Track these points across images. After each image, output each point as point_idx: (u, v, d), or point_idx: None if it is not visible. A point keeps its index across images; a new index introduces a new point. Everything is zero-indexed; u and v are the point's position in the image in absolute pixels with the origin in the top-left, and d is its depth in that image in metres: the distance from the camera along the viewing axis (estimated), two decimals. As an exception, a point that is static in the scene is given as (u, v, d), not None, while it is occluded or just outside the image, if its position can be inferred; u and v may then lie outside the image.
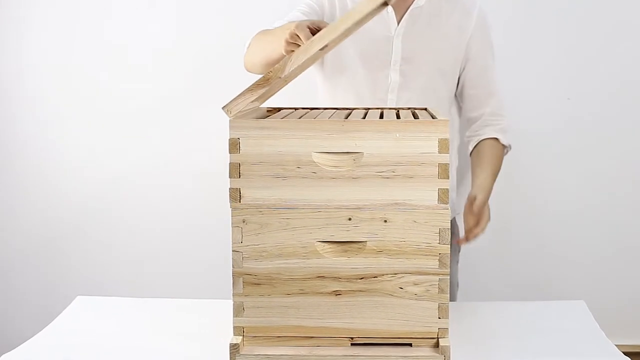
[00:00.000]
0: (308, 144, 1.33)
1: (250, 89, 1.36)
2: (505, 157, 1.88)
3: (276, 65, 1.36)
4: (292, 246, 1.34)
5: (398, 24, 1.85)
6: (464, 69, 1.90)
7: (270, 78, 1.35)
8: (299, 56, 1.35)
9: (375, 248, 1.34)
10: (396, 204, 1.33)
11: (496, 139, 1.87)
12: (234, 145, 1.33)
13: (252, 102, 1.36)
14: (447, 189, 1.33)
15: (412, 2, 1.85)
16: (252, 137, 1.33)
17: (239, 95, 1.36)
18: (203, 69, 2.49)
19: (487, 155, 1.84)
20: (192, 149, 2.53)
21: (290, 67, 1.35)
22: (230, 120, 1.34)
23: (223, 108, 1.36)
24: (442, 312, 1.35)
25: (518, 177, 2.53)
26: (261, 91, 1.36)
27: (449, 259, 1.34)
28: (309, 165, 1.33)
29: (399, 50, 1.84)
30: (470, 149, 1.90)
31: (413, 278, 1.34)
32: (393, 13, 1.85)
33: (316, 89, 1.96)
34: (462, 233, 1.94)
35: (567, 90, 2.50)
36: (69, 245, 2.59)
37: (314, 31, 1.46)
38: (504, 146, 1.88)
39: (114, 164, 2.55)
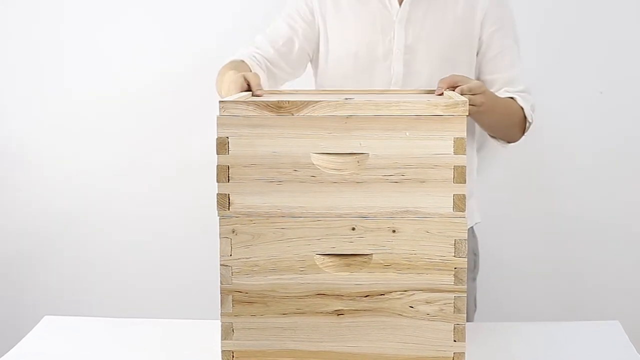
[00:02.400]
0: (306, 143, 1.32)
1: (255, 105, 1.33)
2: (528, 161, 1.85)
3: (297, 101, 1.32)
4: (288, 260, 1.33)
5: (400, 5, 1.81)
6: (478, 53, 1.85)
7: (283, 107, 1.32)
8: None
9: (382, 262, 1.33)
10: (406, 211, 1.32)
11: (513, 98, 1.80)
12: (222, 145, 1.32)
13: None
14: (463, 195, 1.31)
15: None
16: (242, 136, 1.32)
17: (242, 102, 1.34)
18: (185, 72, 2.48)
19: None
20: (176, 153, 2.52)
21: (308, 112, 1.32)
22: (218, 117, 1.32)
23: (220, 101, 1.33)
24: (458, 335, 1.34)
25: (542, 184, 2.51)
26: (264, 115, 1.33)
27: (465, 274, 1.33)
28: (307, 168, 1.32)
29: (402, 38, 1.81)
30: None
31: (425, 296, 1.33)
32: None
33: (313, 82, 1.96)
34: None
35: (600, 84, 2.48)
36: (37, 260, 2.57)
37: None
38: (522, 110, 1.79)
39: (87, 171, 2.53)
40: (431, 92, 1.65)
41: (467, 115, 1.32)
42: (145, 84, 2.50)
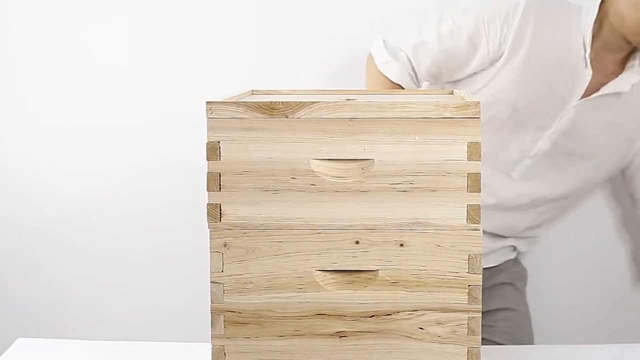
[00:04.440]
0: (305, 148, 1.31)
1: (246, 107, 1.32)
2: None
3: (292, 102, 1.31)
4: (286, 276, 1.32)
5: (585, 91, 1.85)
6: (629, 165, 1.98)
7: (276, 109, 1.31)
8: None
9: (388, 279, 1.32)
10: (415, 223, 1.31)
11: None
12: (213, 151, 1.32)
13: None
14: (478, 205, 1.30)
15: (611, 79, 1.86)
16: (235, 140, 1.31)
17: (231, 103, 1.33)
18: (174, 74, 2.48)
19: None
20: (162, 159, 2.51)
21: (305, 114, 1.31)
22: (208, 120, 1.31)
23: (207, 102, 1.32)
24: (473, 359, 1.33)
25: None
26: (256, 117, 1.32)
27: (480, 293, 1.32)
28: (306, 175, 1.31)
29: (568, 117, 1.86)
30: None
31: (436, 316, 1.32)
32: (590, 74, 1.83)
33: None
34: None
35: None
36: (9, 277, 2.56)
37: None
38: None
39: (64, 182, 2.53)
40: (445, 92, 1.65)
41: None
42: (131, 88, 2.50)
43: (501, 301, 2.06)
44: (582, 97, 1.85)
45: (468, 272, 1.32)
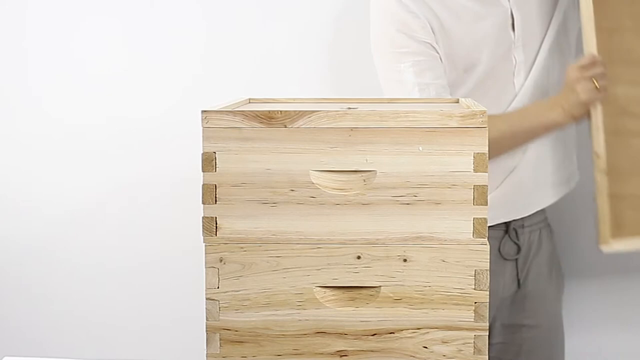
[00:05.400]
0: (305, 159, 1.31)
1: (243, 116, 1.32)
2: None
3: (291, 111, 1.31)
4: (284, 293, 1.32)
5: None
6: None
7: (274, 118, 1.31)
8: None
9: (391, 295, 1.32)
10: (419, 237, 1.31)
11: None
12: (208, 162, 1.32)
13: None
14: (485, 219, 1.30)
15: None
16: (232, 151, 1.31)
17: (228, 112, 1.33)
18: (166, 85, 2.48)
19: None
20: (156, 170, 2.51)
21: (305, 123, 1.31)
22: (203, 129, 1.31)
23: (203, 111, 1.32)
24: (480, 379, 1.32)
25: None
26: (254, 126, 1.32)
27: (487, 310, 1.32)
28: (306, 188, 1.31)
29: (519, 23, 1.83)
30: None
31: (441, 334, 1.32)
32: None
33: None
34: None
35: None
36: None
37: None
38: None
39: (51, 194, 2.52)
40: (448, 101, 1.65)
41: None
42: (123, 96, 2.50)
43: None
44: None
45: (474, 289, 1.31)
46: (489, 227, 1.33)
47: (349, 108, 1.36)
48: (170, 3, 2.48)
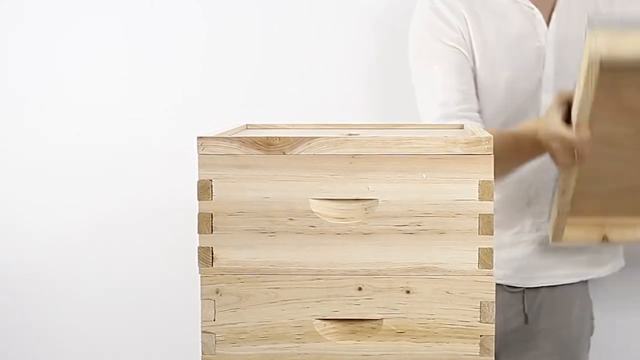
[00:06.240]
0: (304, 187, 1.31)
1: (240, 142, 1.32)
2: None
3: (290, 137, 1.31)
4: (283, 325, 1.32)
5: (547, 25, 1.82)
6: None
7: (272, 145, 1.31)
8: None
9: (394, 328, 1.31)
10: (422, 268, 1.31)
11: None
12: (204, 190, 1.32)
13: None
14: (490, 249, 1.30)
15: None
16: (229, 179, 1.31)
17: (225, 138, 1.33)
18: (161, 110, 2.49)
19: None
20: (150, 198, 2.51)
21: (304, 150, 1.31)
22: (199, 156, 1.31)
23: (199, 137, 1.32)
24: (485, 416, 1.31)
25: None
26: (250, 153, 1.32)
27: (493, 343, 1.31)
28: (305, 217, 1.31)
29: (551, 64, 1.82)
30: None
31: (446, 369, 1.31)
32: (539, 11, 1.81)
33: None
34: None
35: None
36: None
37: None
38: None
39: (42, 222, 2.51)
40: (454, 126, 1.65)
41: None
42: (117, 121, 2.50)
43: None
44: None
45: (480, 322, 1.31)
46: None
47: (350, 134, 1.35)
48: (169, 15, 2.49)
